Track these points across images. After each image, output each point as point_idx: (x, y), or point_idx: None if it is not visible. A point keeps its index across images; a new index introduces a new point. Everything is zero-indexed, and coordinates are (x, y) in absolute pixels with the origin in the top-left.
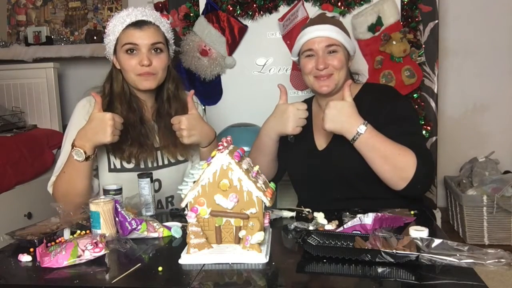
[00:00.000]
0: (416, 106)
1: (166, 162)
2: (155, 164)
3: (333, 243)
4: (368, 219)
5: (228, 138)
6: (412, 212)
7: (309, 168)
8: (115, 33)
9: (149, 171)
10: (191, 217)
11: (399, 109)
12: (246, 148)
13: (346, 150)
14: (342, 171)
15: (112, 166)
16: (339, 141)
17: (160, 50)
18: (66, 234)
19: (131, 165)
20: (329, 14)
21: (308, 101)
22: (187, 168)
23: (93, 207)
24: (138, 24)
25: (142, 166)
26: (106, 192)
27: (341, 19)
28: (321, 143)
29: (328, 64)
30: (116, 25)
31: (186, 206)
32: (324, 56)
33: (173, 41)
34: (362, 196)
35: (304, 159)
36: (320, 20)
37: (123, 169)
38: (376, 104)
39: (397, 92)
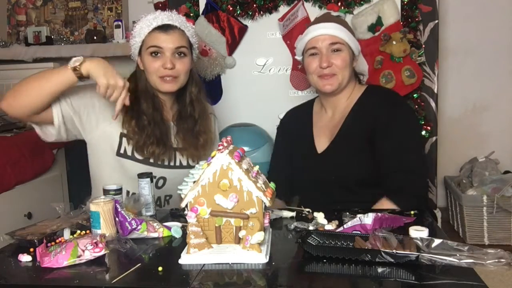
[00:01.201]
0: (416, 106)
1: (178, 163)
2: (166, 163)
3: (333, 243)
4: (368, 219)
5: (228, 138)
6: (412, 212)
7: (307, 170)
8: (141, 36)
9: (159, 168)
10: (191, 217)
11: (398, 120)
12: (246, 148)
13: (344, 154)
14: (339, 175)
15: (122, 151)
16: (338, 144)
17: (183, 54)
18: (66, 234)
19: (141, 157)
20: (334, 14)
21: (310, 103)
22: None
23: (93, 207)
24: (164, 28)
25: (151, 160)
26: (106, 192)
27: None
28: (320, 145)
29: (331, 63)
30: (142, 27)
31: (186, 206)
32: (328, 55)
33: (197, 45)
34: (360, 199)
35: (303, 160)
36: (325, 18)
37: (132, 158)
38: (377, 109)
39: (401, 99)
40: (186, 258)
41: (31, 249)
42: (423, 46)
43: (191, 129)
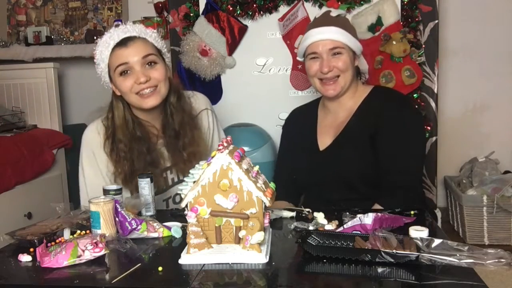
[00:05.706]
0: (416, 106)
1: (176, 179)
2: (164, 187)
3: (333, 243)
4: (368, 219)
5: (228, 138)
6: (412, 212)
7: (309, 168)
8: (104, 60)
9: (168, 189)
10: (191, 217)
11: (403, 122)
12: (246, 148)
13: (346, 151)
14: (341, 172)
15: None
16: (340, 142)
17: (154, 62)
18: (66, 234)
19: None
20: (334, 13)
21: (315, 102)
22: None
23: (93, 207)
24: (123, 42)
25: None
26: (106, 192)
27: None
28: (323, 143)
29: (332, 67)
30: (102, 51)
31: (186, 206)
32: (328, 59)
33: (165, 49)
34: (361, 197)
35: (305, 158)
36: (324, 20)
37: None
38: (383, 109)
39: (409, 102)
40: (186, 258)
41: (31, 249)
42: (423, 46)
43: (175, 144)
